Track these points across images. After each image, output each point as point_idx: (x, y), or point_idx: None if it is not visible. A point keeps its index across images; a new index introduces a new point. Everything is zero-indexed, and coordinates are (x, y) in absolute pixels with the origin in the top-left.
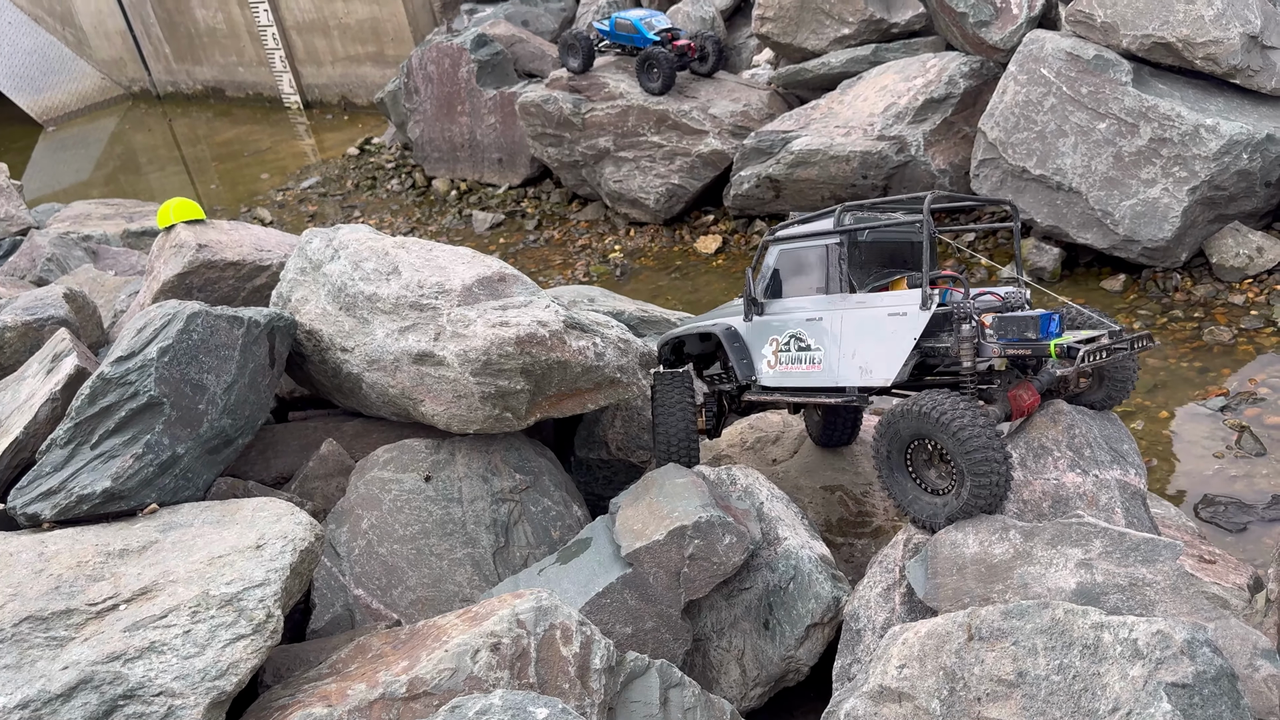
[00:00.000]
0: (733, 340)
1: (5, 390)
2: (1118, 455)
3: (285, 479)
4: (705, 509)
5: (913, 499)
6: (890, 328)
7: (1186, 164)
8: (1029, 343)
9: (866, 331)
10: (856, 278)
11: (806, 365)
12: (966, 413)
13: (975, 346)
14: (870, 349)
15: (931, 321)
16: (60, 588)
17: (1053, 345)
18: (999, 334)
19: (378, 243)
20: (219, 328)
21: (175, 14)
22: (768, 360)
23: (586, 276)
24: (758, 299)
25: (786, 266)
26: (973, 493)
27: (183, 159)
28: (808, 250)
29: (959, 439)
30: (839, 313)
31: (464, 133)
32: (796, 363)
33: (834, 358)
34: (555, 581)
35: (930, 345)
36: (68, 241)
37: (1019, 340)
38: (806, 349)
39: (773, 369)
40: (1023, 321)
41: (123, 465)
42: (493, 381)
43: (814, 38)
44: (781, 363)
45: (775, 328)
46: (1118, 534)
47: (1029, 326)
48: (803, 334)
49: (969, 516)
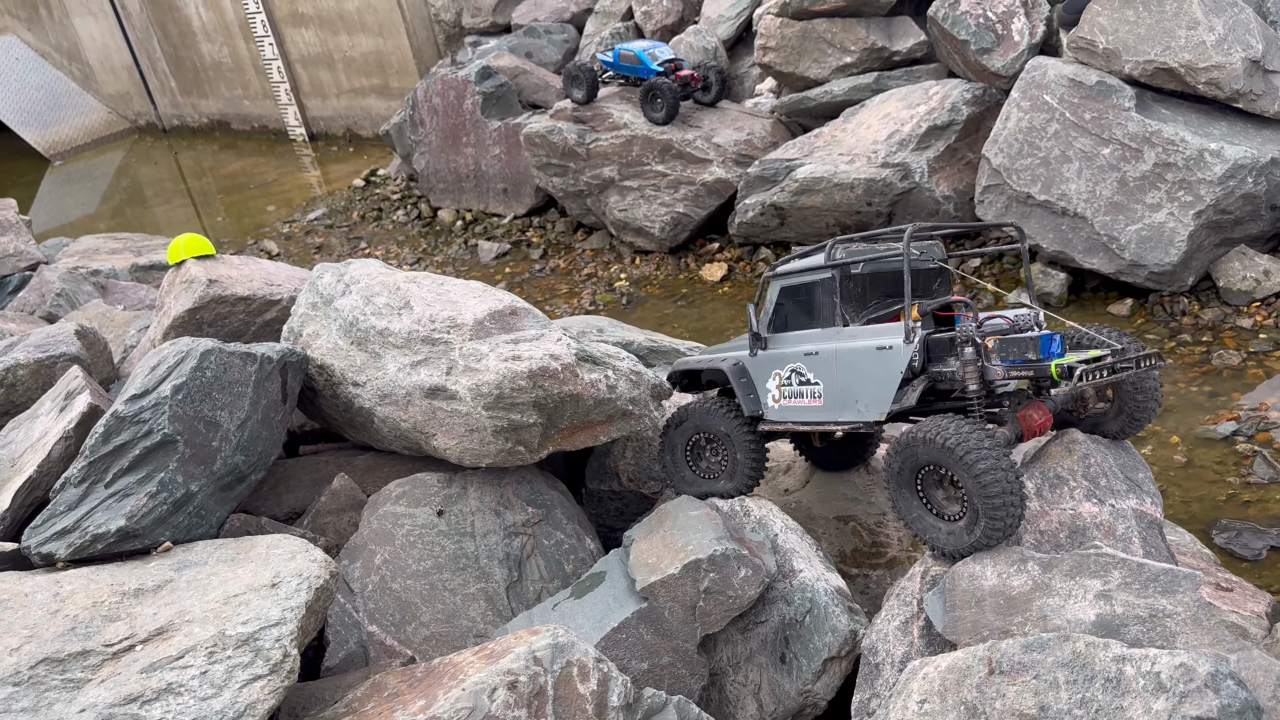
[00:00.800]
0: (739, 376)
1: (18, 428)
2: (1133, 484)
3: (297, 514)
4: (720, 542)
5: (924, 524)
6: (878, 362)
7: (1191, 188)
8: (1030, 364)
9: (857, 366)
10: (851, 311)
11: (808, 399)
12: (981, 444)
13: (980, 370)
14: (862, 384)
15: (938, 346)
16: (76, 629)
17: (1053, 366)
18: (1001, 356)
19: (389, 277)
20: (232, 364)
21: (181, 48)
22: (772, 394)
23: (593, 305)
24: (760, 334)
25: (787, 301)
26: (987, 531)
27: (189, 192)
28: (804, 285)
29: (974, 473)
30: (833, 346)
31: (469, 164)
32: (799, 396)
33: (831, 392)
34: (570, 616)
35: (938, 370)
36: (77, 276)
37: (1020, 362)
38: (806, 383)
39: (777, 403)
40: (1023, 343)
41: (137, 504)
42: (505, 415)
43: (816, 66)
44: (785, 397)
45: (778, 361)
46: (1137, 565)
47: (1029, 348)
48: (802, 368)
49: (990, 546)
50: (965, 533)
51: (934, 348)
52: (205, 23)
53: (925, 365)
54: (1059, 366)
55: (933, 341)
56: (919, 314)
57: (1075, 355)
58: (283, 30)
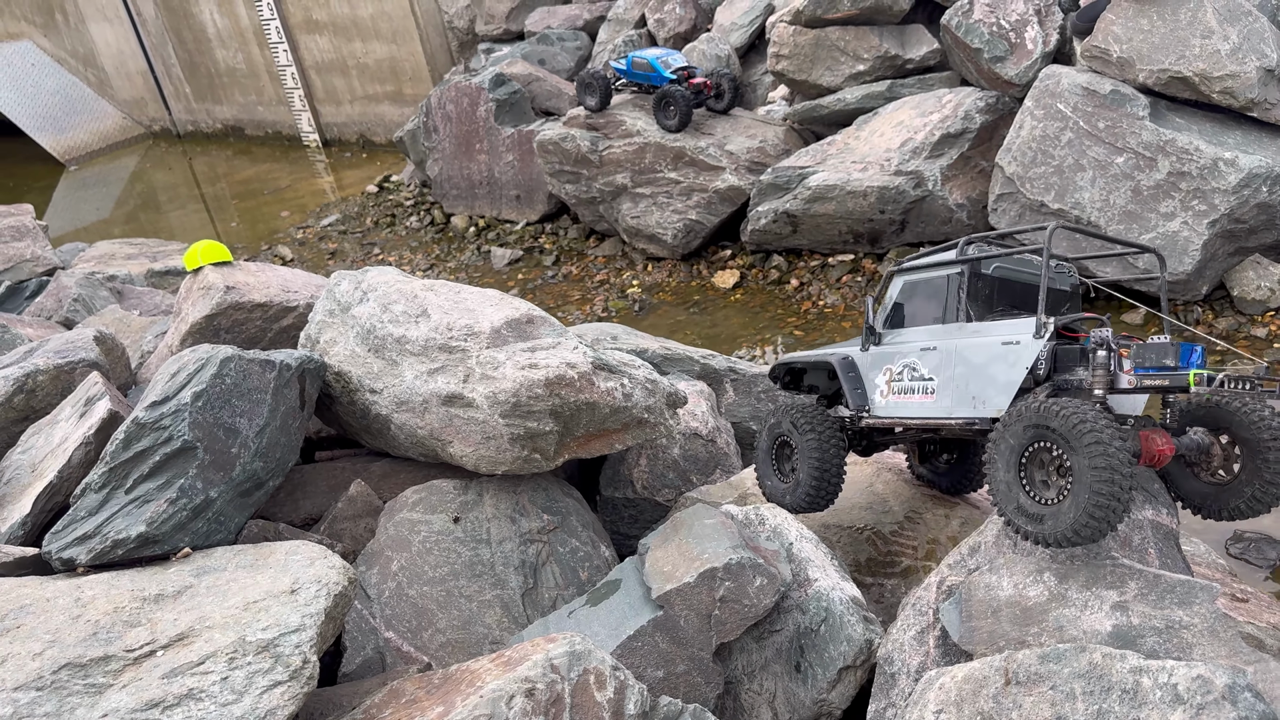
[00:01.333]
0: (848, 370)
1: (39, 434)
2: (1149, 495)
3: (314, 520)
4: (735, 550)
5: (1017, 506)
6: (1003, 356)
7: (1206, 197)
8: (1167, 371)
9: (980, 360)
10: (976, 309)
11: (920, 395)
12: (1099, 424)
13: (1110, 376)
14: (982, 378)
15: (1066, 357)
16: (98, 634)
17: (1192, 375)
18: (1137, 362)
19: (406, 285)
20: (251, 371)
21: (196, 54)
22: (880, 390)
23: (605, 312)
24: (876, 329)
25: (908, 297)
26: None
27: (202, 197)
28: (929, 281)
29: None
30: (954, 341)
31: (482, 170)
32: (909, 392)
33: (947, 387)
34: (585, 624)
35: (1064, 378)
36: (93, 282)
37: (1157, 369)
38: (919, 378)
39: (885, 399)
40: (1162, 348)
41: (157, 509)
42: (522, 423)
43: (829, 74)
44: (894, 392)
45: (890, 357)
46: (1153, 576)
47: (1169, 354)
48: (916, 363)
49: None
50: (1061, 518)
51: (1061, 357)
52: (220, 29)
53: (1051, 373)
54: (1198, 375)
55: (1061, 351)
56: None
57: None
58: (297, 37)
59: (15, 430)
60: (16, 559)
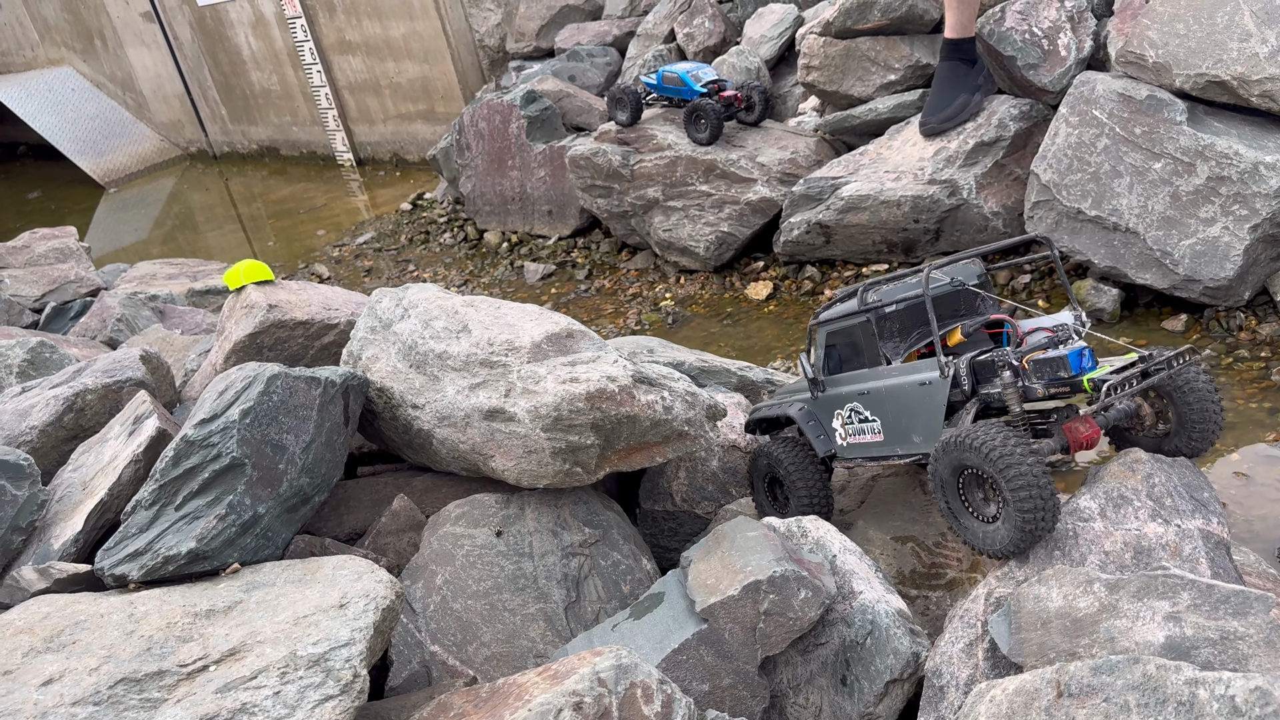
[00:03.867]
0: (808, 419)
1: (89, 452)
2: (1199, 504)
3: (358, 534)
4: (779, 563)
5: (963, 524)
6: (921, 396)
7: (1247, 202)
8: (1065, 380)
9: (905, 401)
10: (891, 348)
11: (870, 435)
12: (1012, 448)
13: (1021, 391)
14: (911, 416)
15: (985, 368)
16: (152, 649)
17: (1086, 381)
18: (1038, 377)
19: (447, 301)
20: (297, 389)
21: (231, 77)
22: (839, 433)
23: (639, 325)
24: (817, 379)
25: (834, 346)
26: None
27: (239, 217)
28: (845, 330)
29: (1005, 476)
30: (881, 384)
31: (514, 186)
32: (861, 433)
33: (887, 426)
34: (630, 637)
35: (987, 392)
36: (136, 302)
37: (1056, 380)
38: (865, 420)
39: (844, 440)
40: (1054, 363)
41: (207, 526)
42: (563, 437)
43: (860, 84)
44: (849, 434)
45: (837, 402)
46: (1206, 586)
47: (1060, 366)
48: (859, 406)
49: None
50: (1000, 534)
51: (981, 370)
52: (255, 51)
53: (975, 388)
54: (1091, 381)
55: (979, 364)
56: (963, 335)
57: (1108, 365)
58: (330, 58)
59: (65, 449)
60: (70, 575)
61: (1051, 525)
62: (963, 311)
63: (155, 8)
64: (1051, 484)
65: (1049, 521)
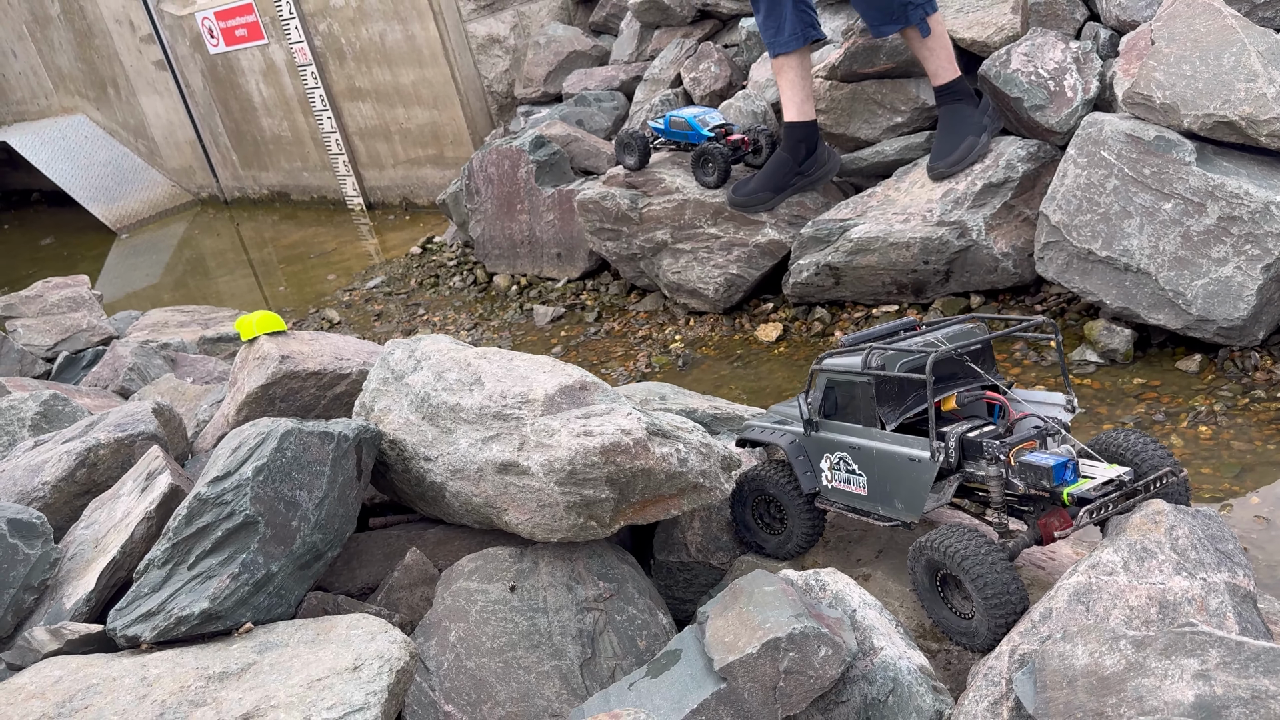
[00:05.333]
0: (797, 454)
1: (101, 508)
2: (1224, 556)
3: (371, 589)
4: (798, 619)
5: (942, 617)
6: (910, 470)
7: (1259, 241)
8: (1047, 489)
9: (892, 469)
10: (888, 411)
11: (854, 488)
12: (978, 551)
13: (1004, 484)
14: (897, 484)
15: (972, 446)
16: (165, 714)
17: (1065, 494)
18: (1021, 478)
19: (459, 353)
20: (310, 444)
21: (243, 123)
22: (825, 475)
23: (649, 368)
24: (813, 419)
25: (832, 394)
26: (990, 630)
27: (250, 262)
28: (846, 384)
29: (972, 579)
30: (873, 445)
31: (524, 230)
32: (846, 482)
33: (872, 484)
34: (647, 697)
35: (970, 472)
36: (148, 350)
37: (1038, 486)
38: (852, 471)
39: (830, 484)
40: (1039, 470)
41: (220, 585)
42: (578, 491)
43: (866, 127)
44: (835, 480)
45: (829, 445)
46: (1235, 643)
47: (1044, 475)
48: (847, 457)
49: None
50: (977, 630)
51: (969, 447)
52: (265, 98)
53: (960, 463)
54: (1071, 496)
55: (968, 442)
56: (957, 405)
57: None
58: (341, 104)
59: (78, 504)
60: (82, 636)
61: (1020, 616)
62: (959, 375)
63: (168, 56)
64: (1017, 581)
65: (1019, 615)
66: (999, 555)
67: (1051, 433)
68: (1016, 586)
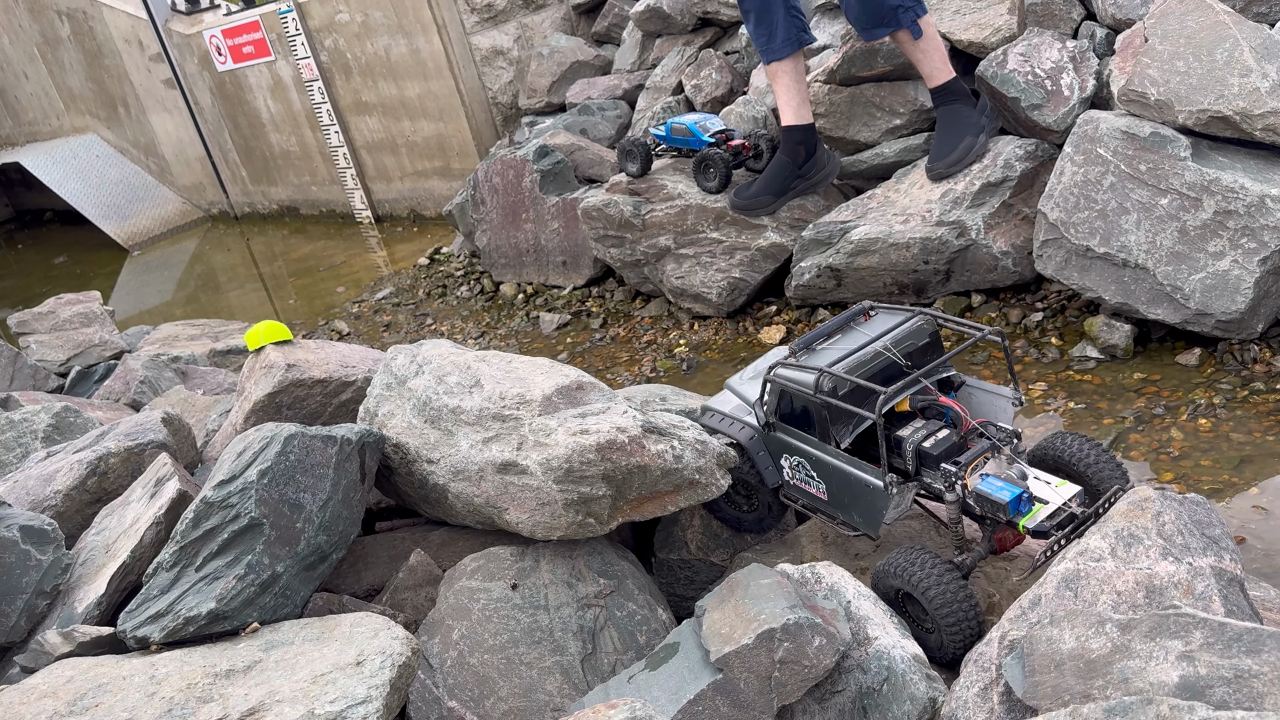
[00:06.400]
0: (758, 450)
1: (111, 515)
2: (1210, 540)
3: (376, 590)
4: (793, 610)
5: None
6: (865, 493)
7: (1255, 235)
8: (1003, 520)
9: (849, 486)
10: (840, 433)
11: (815, 490)
12: (934, 574)
13: (961, 504)
14: (854, 501)
15: (924, 458)
16: (173, 710)
17: (1021, 525)
18: (977, 504)
19: (459, 357)
20: (314, 447)
21: (251, 140)
22: (786, 472)
23: (654, 372)
24: (770, 421)
25: (787, 402)
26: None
27: (260, 276)
28: (799, 396)
29: (929, 601)
30: (830, 461)
31: (529, 238)
32: (807, 483)
33: (833, 494)
34: (646, 689)
35: (927, 482)
36: (159, 364)
37: (993, 515)
38: (810, 475)
39: (790, 481)
40: (994, 504)
41: (226, 586)
42: (575, 488)
43: (865, 130)
44: (796, 478)
45: (786, 447)
46: (1219, 624)
47: (1000, 510)
48: (804, 463)
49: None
50: (941, 643)
51: (924, 457)
52: (273, 114)
53: (918, 471)
54: (1025, 527)
55: (923, 453)
56: (910, 407)
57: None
58: (348, 119)
59: (89, 512)
60: (94, 638)
61: (978, 633)
62: (918, 365)
63: (177, 74)
64: (972, 601)
65: (977, 633)
66: (954, 578)
67: (1005, 443)
68: (971, 608)
